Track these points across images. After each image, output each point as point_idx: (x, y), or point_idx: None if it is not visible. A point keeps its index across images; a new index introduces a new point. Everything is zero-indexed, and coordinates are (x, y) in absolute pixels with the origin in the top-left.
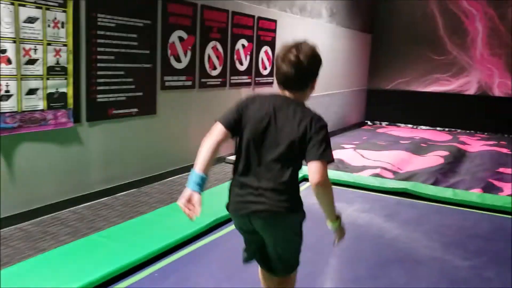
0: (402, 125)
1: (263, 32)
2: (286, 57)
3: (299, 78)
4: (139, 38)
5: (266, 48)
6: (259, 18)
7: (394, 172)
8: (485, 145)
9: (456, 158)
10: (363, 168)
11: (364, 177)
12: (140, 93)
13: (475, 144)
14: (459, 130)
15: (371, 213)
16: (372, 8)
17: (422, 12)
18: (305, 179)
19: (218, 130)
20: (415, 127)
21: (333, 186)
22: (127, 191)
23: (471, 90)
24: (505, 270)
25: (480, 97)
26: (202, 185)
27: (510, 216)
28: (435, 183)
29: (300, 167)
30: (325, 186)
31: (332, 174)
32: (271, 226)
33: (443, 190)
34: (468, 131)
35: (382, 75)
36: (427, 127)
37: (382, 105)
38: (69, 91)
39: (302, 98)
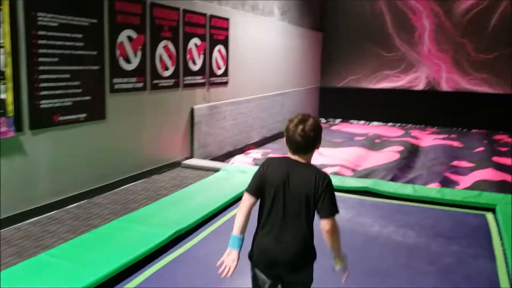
0: (355, 121)
1: (216, 30)
2: (296, 131)
3: (307, 146)
4: (85, 38)
5: (219, 47)
6: (211, 16)
7: (353, 170)
8: (436, 139)
9: (411, 153)
10: (322, 166)
11: None
12: (88, 97)
13: (427, 138)
14: (410, 125)
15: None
16: (321, 7)
17: (370, 10)
18: None
19: (247, 199)
20: (367, 123)
21: None
22: (78, 203)
23: (420, 86)
24: (471, 271)
25: (429, 92)
26: (241, 245)
27: (470, 211)
28: (393, 179)
29: (313, 219)
30: (336, 232)
31: None
32: (294, 274)
33: (403, 187)
34: (418, 126)
35: (334, 72)
36: (379, 123)
37: (335, 103)
38: (9, 97)
39: (308, 159)
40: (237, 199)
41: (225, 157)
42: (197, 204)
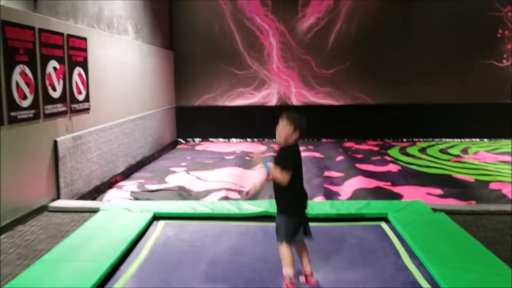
0: (215, 139)
1: (74, 51)
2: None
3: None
4: None
5: (79, 69)
6: (69, 35)
7: (239, 192)
8: None
9: None
10: (207, 192)
11: (220, 205)
12: None
13: None
14: (267, 140)
15: (244, 255)
16: (170, 24)
17: (219, 28)
18: None
19: (289, 175)
20: (226, 140)
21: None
22: None
23: (273, 101)
24: (396, 280)
25: (281, 107)
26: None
27: (366, 223)
28: None
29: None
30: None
31: (185, 206)
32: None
33: None
34: (275, 140)
35: (189, 91)
36: (239, 140)
37: (192, 122)
38: None
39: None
40: (138, 238)
41: (94, 192)
42: (93, 261)
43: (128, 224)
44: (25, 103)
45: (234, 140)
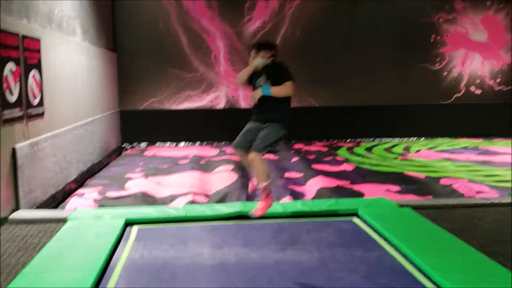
0: (162, 144)
1: (29, 53)
2: None
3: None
4: None
5: (34, 72)
6: (24, 36)
7: (206, 195)
8: None
9: (244, 170)
10: (172, 198)
11: (192, 208)
12: None
13: None
14: (216, 143)
15: (228, 246)
16: (113, 25)
17: (165, 30)
18: None
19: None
20: (175, 144)
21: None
22: None
23: (221, 104)
24: (382, 267)
25: (229, 110)
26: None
27: (339, 218)
28: (249, 198)
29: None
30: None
31: (156, 211)
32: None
33: (274, 206)
34: (225, 142)
35: (134, 95)
36: (188, 143)
37: (138, 126)
38: None
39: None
40: (117, 242)
41: (51, 201)
42: (80, 270)
43: (103, 230)
44: None
45: (182, 144)
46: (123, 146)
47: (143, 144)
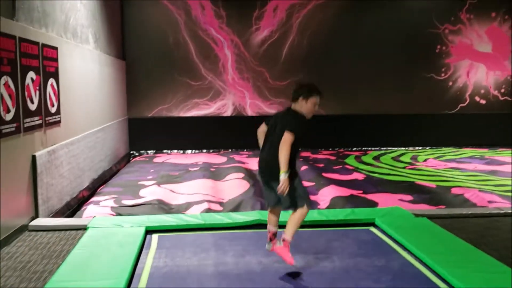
0: (169, 151)
1: (47, 62)
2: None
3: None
4: None
5: (52, 80)
6: (43, 45)
7: (220, 203)
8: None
9: (253, 178)
10: (188, 205)
11: (210, 216)
12: None
13: (252, 162)
14: (223, 150)
15: (251, 254)
16: (122, 34)
17: (173, 39)
18: None
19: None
20: (182, 151)
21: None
22: None
23: (228, 112)
24: (403, 276)
25: (236, 118)
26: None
27: (357, 228)
28: (262, 207)
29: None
30: (285, 144)
31: (174, 219)
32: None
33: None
34: (231, 150)
35: (142, 102)
36: (195, 151)
37: (146, 134)
38: None
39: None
40: (140, 250)
41: (65, 209)
42: (109, 279)
43: (125, 238)
44: (8, 117)
45: (189, 151)
46: (131, 153)
47: (151, 152)
